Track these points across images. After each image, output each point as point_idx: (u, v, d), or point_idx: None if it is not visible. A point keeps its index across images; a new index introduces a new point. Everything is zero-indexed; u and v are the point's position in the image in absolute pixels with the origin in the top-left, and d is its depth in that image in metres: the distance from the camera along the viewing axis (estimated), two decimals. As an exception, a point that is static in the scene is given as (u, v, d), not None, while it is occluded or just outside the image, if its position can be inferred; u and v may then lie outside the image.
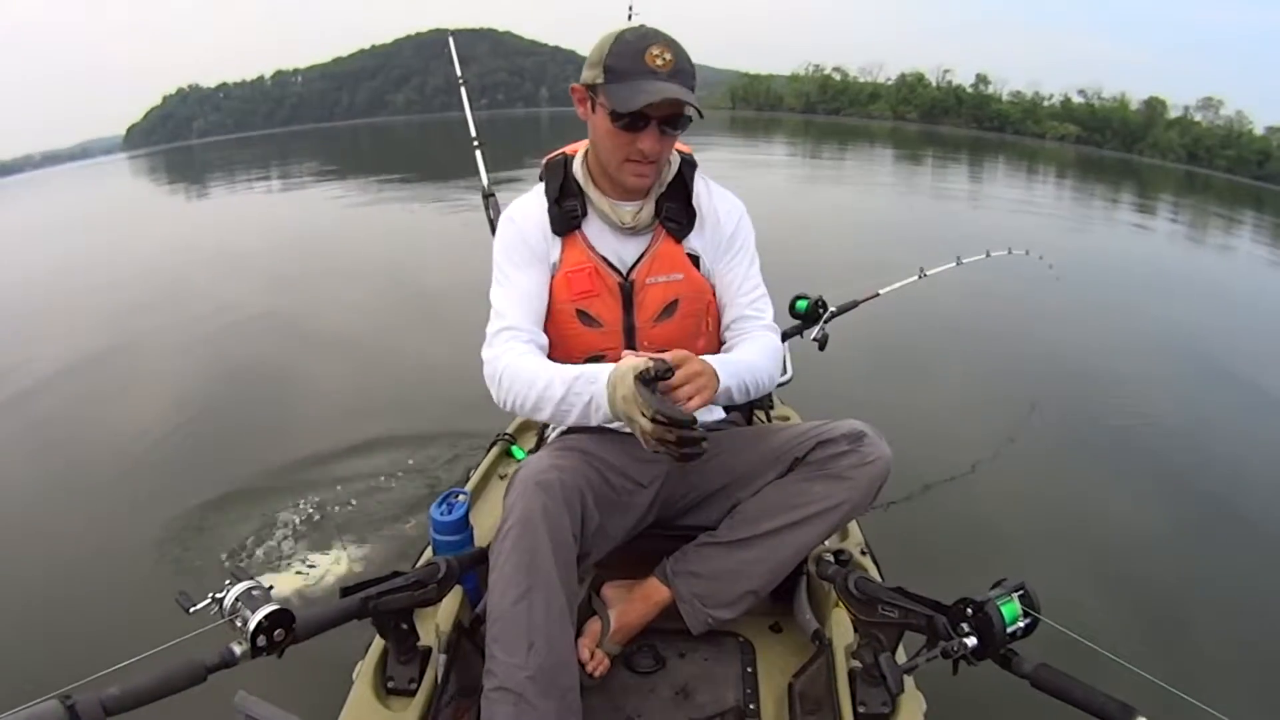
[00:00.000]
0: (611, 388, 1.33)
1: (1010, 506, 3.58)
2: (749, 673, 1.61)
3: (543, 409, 1.43)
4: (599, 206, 1.56)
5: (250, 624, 1.14)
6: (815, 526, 1.51)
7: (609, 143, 1.47)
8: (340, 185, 19.31)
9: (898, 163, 27.78)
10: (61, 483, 3.77)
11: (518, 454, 2.34)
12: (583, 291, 1.55)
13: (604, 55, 1.40)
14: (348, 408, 4.52)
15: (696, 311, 1.63)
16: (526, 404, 1.44)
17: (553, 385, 1.40)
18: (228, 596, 1.17)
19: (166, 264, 9.51)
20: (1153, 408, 4.94)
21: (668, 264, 1.59)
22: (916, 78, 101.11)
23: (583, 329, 1.57)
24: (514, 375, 1.45)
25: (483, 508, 2.04)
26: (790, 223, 10.46)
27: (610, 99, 1.40)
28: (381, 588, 1.35)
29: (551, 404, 1.41)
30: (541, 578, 1.28)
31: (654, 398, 1.25)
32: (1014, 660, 1.23)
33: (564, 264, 1.56)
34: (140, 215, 18.06)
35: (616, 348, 1.57)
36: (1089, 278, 8.32)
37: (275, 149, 45.58)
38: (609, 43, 1.41)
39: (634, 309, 1.57)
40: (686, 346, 1.51)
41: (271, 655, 1.18)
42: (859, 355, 4.83)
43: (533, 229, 1.57)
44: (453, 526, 1.62)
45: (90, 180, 35.86)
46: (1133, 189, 11.38)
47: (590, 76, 1.43)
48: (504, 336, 1.50)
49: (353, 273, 8.53)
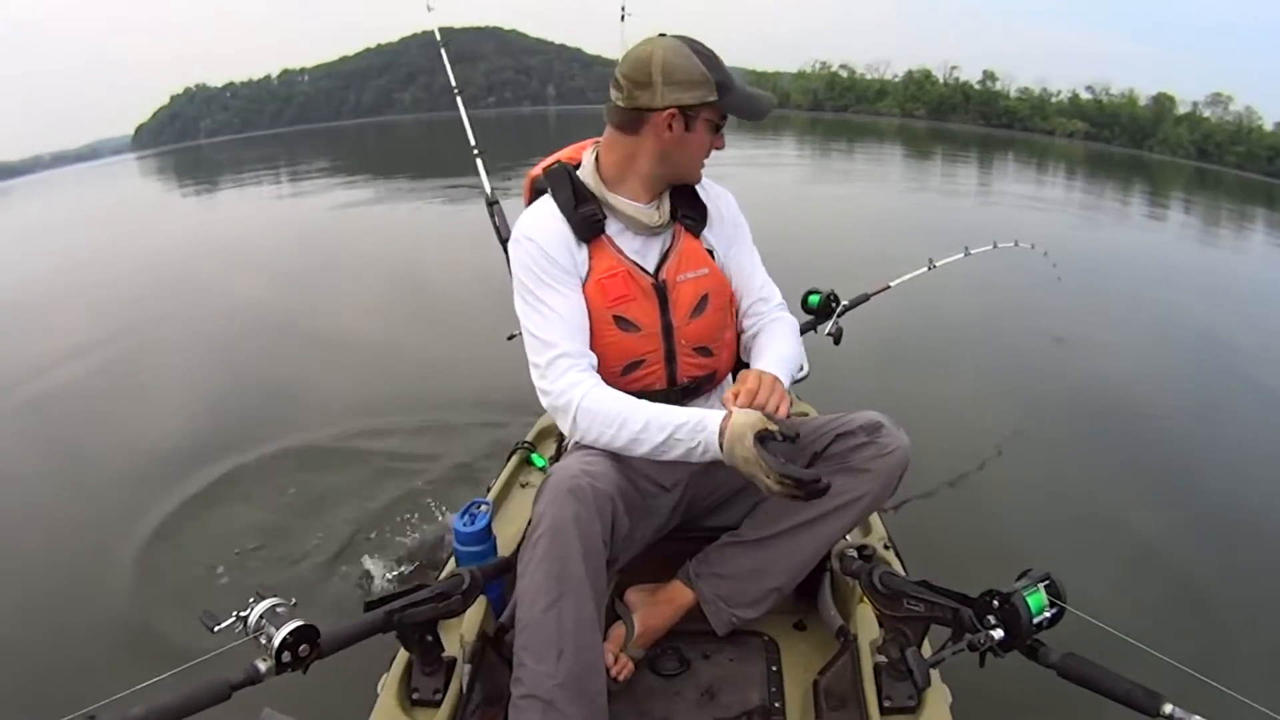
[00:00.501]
0: (730, 445, 1.31)
1: (1031, 497, 3.57)
2: (774, 671, 1.61)
3: (636, 449, 1.40)
4: (623, 211, 1.54)
5: (275, 641, 1.13)
6: (837, 520, 1.51)
7: (699, 149, 1.53)
8: (347, 183, 19.41)
9: (907, 160, 27.69)
10: (82, 499, 3.73)
11: (538, 462, 2.34)
12: (619, 296, 1.51)
13: (707, 74, 1.45)
14: (364, 409, 4.50)
15: (723, 304, 1.64)
16: (615, 443, 1.41)
17: (649, 429, 1.38)
18: (252, 614, 1.17)
19: (176, 262, 9.65)
20: (1169, 400, 4.94)
21: (693, 260, 1.59)
22: (924, 74, 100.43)
23: (620, 335, 1.52)
24: (595, 414, 1.41)
25: (505, 517, 2.03)
26: (801, 218, 10.49)
27: (736, 110, 1.50)
28: (405, 601, 1.35)
29: (648, 445, 1.39)
30: (572, 585, 1.28)
31: (777, 460, 1.26)
32: (1040, 651, 1.23)
33: (595, 271, 1.52)
34: (151, 215, 18.30)
35: (656, 350, 1.55)
36: (1098, 272, 8.28)
37: (283, 148, 45.99)
38: (688, 59, 1.44)
39: (669, 308, 1.55)
40: (718, 340, 1.62)
41: (296, 671, 1.17)
42: (872, 349, 4.79)
43: (555, 242, 1.50)
44: (476, 537, 1.62)
45: (100, 181, 36.14)
46: (1143, 185, 11.36)
47: (697, 96, 1.45)
48: (561, 366, 1.44)
49: (357, 270, 8.59)
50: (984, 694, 1.63)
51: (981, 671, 1.25)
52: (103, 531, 3.30)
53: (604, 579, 1.36)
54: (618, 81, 1.48)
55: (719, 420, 1.34)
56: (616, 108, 1.49)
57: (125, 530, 3.26)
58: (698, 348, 1.59)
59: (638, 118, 1.47)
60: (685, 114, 1.46)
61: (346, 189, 18.54)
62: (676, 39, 1.48)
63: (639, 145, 1.51)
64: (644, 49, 1.46)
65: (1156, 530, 3.30)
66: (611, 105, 1.50)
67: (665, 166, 1.53)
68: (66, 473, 4.00)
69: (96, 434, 4.55)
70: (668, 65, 1.43)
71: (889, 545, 1.85)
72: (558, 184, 1.55)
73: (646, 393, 1.50)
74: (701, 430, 1.35)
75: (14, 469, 4.13)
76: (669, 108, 1.44)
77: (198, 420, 4.49)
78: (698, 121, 1.48)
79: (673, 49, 1.44)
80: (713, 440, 1.34)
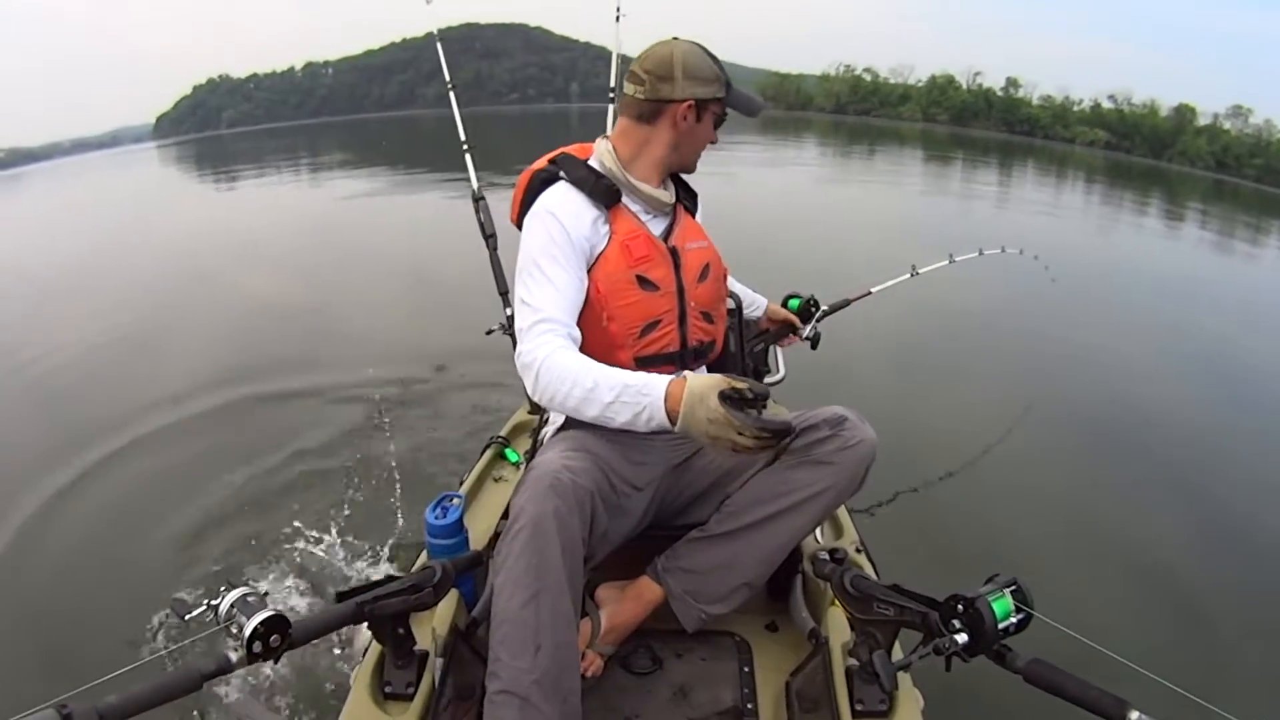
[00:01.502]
0: (690, 407, 1.31)
1: (1004, 503, 3.59)
2: (746, 672, 1.61)
3: (586, 410, 1.42)
4: (641, 190, 1.67)
5: (246, 630, 1.14)
6: (802, 514, 1.52)
7: (705, 141, 1.72)
8: (364, 174, 19.47)
9: (926, 165, 27.63)
10: (52, 483, 3.74)
11: (511, 456, 2.35)
12: (642, 256, 1.61)
13: (718, 73, 1.65)
14: (336, 399, 4.60)
15: (720, 276, 1.78)
16: (569, 401, 1.43)
17: (599, 389, 1.39)
18: (223, 603, 1.17)
19: (185, 247, 9.92)
20: (1150, 407, 4.96)
21: (694, 233, 1.76)
22: (947, 80, 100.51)
23: (642, 295, 1.60)
24: (554, 371, 1.43)
25: (477, 511, 2.04)
26: (802, 220, 10.59)
27: (738, 107, 1.70)
28: (377, 592, 1.35)
29: (597, 405, 1.40)
30: (550, 580, 1.28)
31: (751, 415, 1.27)
32: (1007, 656, 1.23)
33: (617, 234, 1.61)
34: (168, 200, 18.40)
35: (672, 311, 1.64)
36: (1097, 279, 8.36)
37: (305, 140, 46.25)
38: (704, 58, 1.64)
39: (681, 271, 1.67)
40: (718, 310, 1.77)
41: (268, 661, 1.17)
42: (849, 354, 4.81)
43: (576, 219, 1.59)
44: (448, 530, 1.62)
45: (120, 168, 36.26)
46: (1161, 195, 11.30)
47: (711, 91, 1.64)
48: (539, 329, 1.48)
49: (342, 261, 8.78)
50: (957, 698, 1.65)
51: (955, 675, 1.26)
52: (83, 530, 3.32)
53: (581, 575, 1.36)
54: (638, 76, 1.63)
55: (665, 384, 1.35)
56: (635, 100, 1.64)
57: (97, 516, 3.32)
58: (703, 312, 1.71)
59: (657, 108, 1.63)
60: (699, 106, 1.64)
61: (362, 179, 18.69)
62: (689, 42, 1.65)
63: (654, 134, 1.66)
64: (665, 48, 1.62)
65: (1136, 538, 3.33)
66: (629, 98, 1.66)
67: (675, 154, 1.69)
68: (47, 473, 3.91)
69: (68, 417, 4.64)
70: (688, 62, 1.61)
71: (860, 548, 1.85)
72: (570, 166, 1.66)
73: (662, 355, 1.63)
74: (647, 394, 1.36)
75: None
76: (688, 99, 1.61)
77: (163, 407, 4.57)
78: (706, 114, 1.66)
79: (690, 49, 1.62)
80: (658, 405, 1.35)
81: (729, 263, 1.82)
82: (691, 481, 1.67)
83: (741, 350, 2.07)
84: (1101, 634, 1.23)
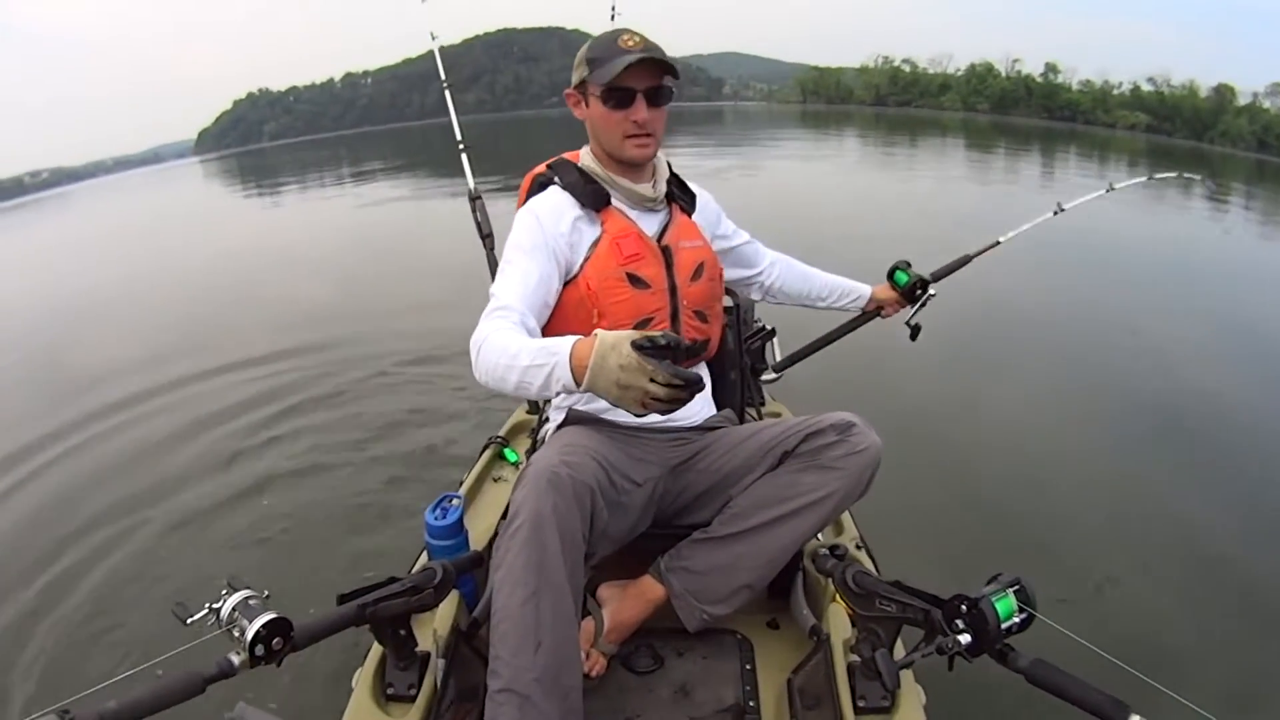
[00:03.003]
0: (601, 357, 1.22)
1: (1009, 499, 3.50)
2: (748, 670, 1.62)
3: (509, 378, 1.35)
4: (623, 186, 1.66)
5: (248, 633, 1.14)
6: (807, 518, 1.51)
7: (606, 124, 1.62)
8: (411, 182, 19.70)
9: (969, 153, 27.08)
10: (56, 487, 3.82)
11: (510, 456, 2.37)
12: (632, 254, 1.61)
13: (585, 54, 1.62)
14: (336, 399, 4.68)
15: (715, 276, 1.76)
16: (495, 373, 1.37)
17: (520, 355, 1.33)
18: (225, 606, 1.18)
19: (230, 261, 10.12)
20: (1182, 395, 4.77)
21: (689, 232, 1.74)
22: (986, 68, 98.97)
23: (633, 293, 1.60)
24: (490, 347, 1.39)
25: (477, 511, 2.05)
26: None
27: (596, 80, 1.58)
28: (378, 594, 1.36)
29: (516, 372, 1.33)
30: (550, 577, 1.28)
31: (664, 363, 1.21)
32: (1009, 656, 1.22)
33: (608, 232, 1.62)
34: (214, 214, 18.78)
35: (663, 309, 1.64)
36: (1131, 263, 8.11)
37: (347, 150, 46.63)
38: (587, 46, 1.63)
39: (674, 269, 1.66)
40: (712, 309, 1.76)
41: (270, 664, 1.18)
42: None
43: (556, 216, 1.61)
44: (448, 531, 1.64)
45: (164, 184, 36.99)
46: (1202, 176, 11.00)
47: (578, 75, 1.63)
48: (494, 315, 1.46)
49: (419, 264, 8.74)
50: (960, 694, 1.62)
51: (958, 672, 1.25)
52: (76, 521, 3.41)
53: (581, 572, 1.36)
54: None
55: (572, 342, 1.29)
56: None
57: (98, 520, 3.38)
58: (696, 311, 1.70)
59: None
60: (581, 93, 1.65)
61: (401, 185, 18.88)
62: (609, 32, 1.64)
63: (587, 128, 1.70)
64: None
65: (1137, 536, 3.23)
66: None
67: (600, 144, 1.68)
68: (52, 479, 4.00)
69: (74, 419, 4.69)
70: (580, 52, 1.64)
71: (861, 545, 1.84)
72: (562, 170, 1.69)
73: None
74: (555, 351, 1.29)
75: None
76: (569, 90, 1.67)
77: (165, 408, 4.69)
78: (590, 98, 1.62)
79: (596, 39, 1.64)
80: (563, 362, 1.27)
81: (801, 252, 1.87)
82: (693, 482, 1.66)
83: (740, 349, 2.06)
84: (1105, 635, 1.23)
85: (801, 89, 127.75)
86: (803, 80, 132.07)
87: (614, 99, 1.57)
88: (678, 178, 1.80)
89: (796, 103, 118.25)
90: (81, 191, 42.93)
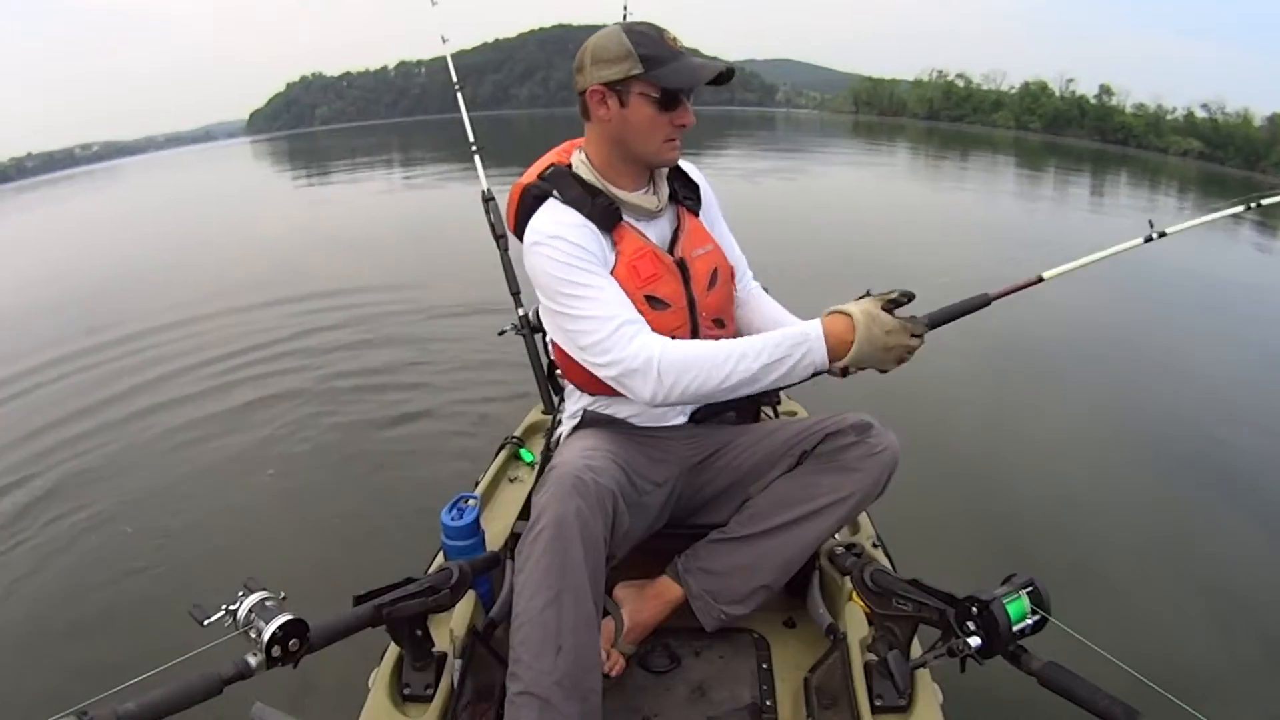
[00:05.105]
0: (865, 331, 1.32)
1: (1022, 501, 3.51)
2: (764, 669, 1.61)
3: (727, 383, 1.37)
4: (626, 199, 1.56)
5: (265, 635, 1.14)
6: (826, 519, 1.51)
7: (651, 127, 1.49)
8: (462, 172, 19.86)
9: (1019, 171, 26.48)
10: (73, 489, 3.78)
11: (526, 457, 2.35)
12: (650, 275, 1.52)
13: (630, 49, 1.43)
14: (349, 396, 4.67)
15: (728, 278, 1.68)
16: (706, 386, 1.37)
17: (745, 359, 1.35)
18: (241, 608, 1.18)
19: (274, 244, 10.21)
20: (1173, 404, 4.81)
21: (700, 237, 1.64)
22: (1040, 86, 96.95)
23: (653, 315, 1.50)
24: (679, 363, 1.37)
25: (493, 511, 2.05)
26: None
27: (663, 81, 1.44)
28: (394, 595, 1.36)
29: (738, 377, 1.36)
30: (572, 581, 1.28)
31: (914, 318, 1.38)
32: (1022, 657, 1.23)
33: (623, 255, 1.52)
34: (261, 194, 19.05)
35: (684, 326, 1.56)
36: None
37: (397, 138, 46.80)
38: (622, 38, 1.44)
39: (690, 283, 1.58)
40: (727, 309, 1.67)
41: (287, 665, 1.18)
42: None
43: (581, 235, 1.48)
44: (464, 531, 1.63)
45: (214, 161, 37.38)
46: (1254, 213, 10.30)
47: (620, 71, 1.44)
48: (628, 333, 1.41)
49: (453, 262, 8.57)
50: (977, 693, 1.63)
51: (977, 673, 1.25)
52: (95, 522, 3.40)
53: (603, 575, 1.36)
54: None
55: (816, 326, 1.36)
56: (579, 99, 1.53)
57: (117, 520, 3.38)
58: (715, 319, 1.63)
59: (584, 104, 1.51)
60: (615, 90, 1.46)
61: (447, 175, 18.99)
62: (621, 24, 1.50)
63: (593, 130, 1.55)
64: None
65: (1150, 542, 3.23)
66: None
67: (621, 149, 1.54)
68: (67, 480, 3.91)
69: (88, 407, 4.72)
70: (595, 47, 1.47)
71: (878, 544, 1.84)
72: (562, 184, 1.54)
73: None
74: (803, 340, 1.35)
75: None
76: (595, 86, 1.47)
77: (167, 407, 4.65)
78: (631, 97, 1.46)
79: (604, 33, 1.48)
80: (817, 348, 1.35)
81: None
82: (710, 481, 1.66)
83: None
84: (1127, 648, 1.24)
85: (855, 99, 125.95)
86: (856, 90, 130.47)
87: (669, 101, 1.47)
88: (678, 169, 1.69)
89: (849, 112, 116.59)
90: (132, 166, 43.50)
